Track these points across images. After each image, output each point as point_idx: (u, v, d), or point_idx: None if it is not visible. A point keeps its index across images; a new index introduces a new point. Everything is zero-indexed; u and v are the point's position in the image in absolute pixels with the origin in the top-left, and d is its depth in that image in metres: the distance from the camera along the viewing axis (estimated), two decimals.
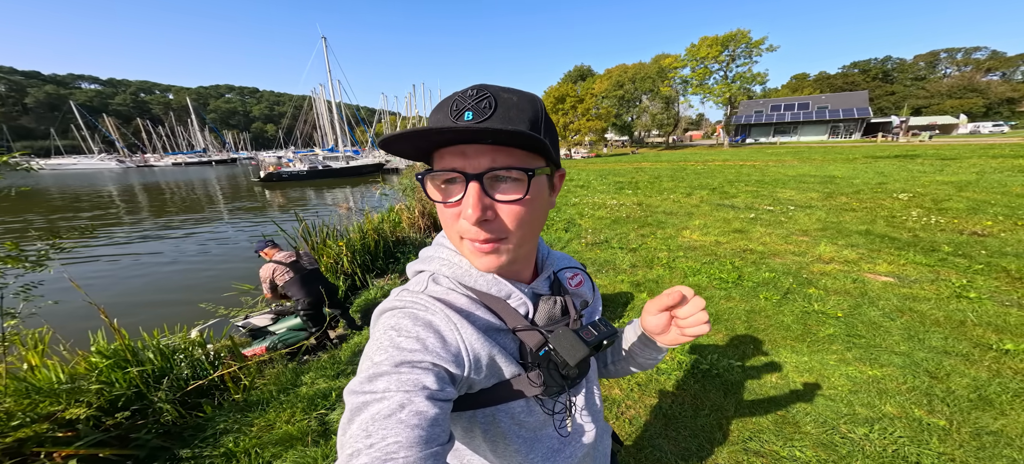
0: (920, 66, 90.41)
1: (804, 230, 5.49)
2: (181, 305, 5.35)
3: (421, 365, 0.47)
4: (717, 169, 15.00)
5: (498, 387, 0.57)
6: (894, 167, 12.43)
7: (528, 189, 0.50)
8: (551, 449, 0.62)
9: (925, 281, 3.60)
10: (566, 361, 0.55)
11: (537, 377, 0.57)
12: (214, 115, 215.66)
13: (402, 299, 0.55)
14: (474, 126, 0.45)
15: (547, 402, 0.61)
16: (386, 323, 0.52)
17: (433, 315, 0.52)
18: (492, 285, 0.57)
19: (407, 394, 0.43)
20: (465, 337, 0.52)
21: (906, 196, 7.42)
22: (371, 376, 0.45)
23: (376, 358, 0.47)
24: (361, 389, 0.44)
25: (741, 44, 35.49)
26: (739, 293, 3.56)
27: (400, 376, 0.45)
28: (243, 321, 4.33)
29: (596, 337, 0.58)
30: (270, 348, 3.67)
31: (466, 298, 0.57)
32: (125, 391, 2.34)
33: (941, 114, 64.56)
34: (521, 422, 0.59)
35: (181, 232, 11.29)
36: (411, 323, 0.51)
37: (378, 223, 5.74)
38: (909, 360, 2.49)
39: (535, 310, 0.60)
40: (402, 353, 0.47)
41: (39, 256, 1.99)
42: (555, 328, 0.58)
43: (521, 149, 0.50)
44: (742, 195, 8.62)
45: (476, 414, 0.58)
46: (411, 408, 0.42)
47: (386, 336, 0.49)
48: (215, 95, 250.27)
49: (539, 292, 0.62)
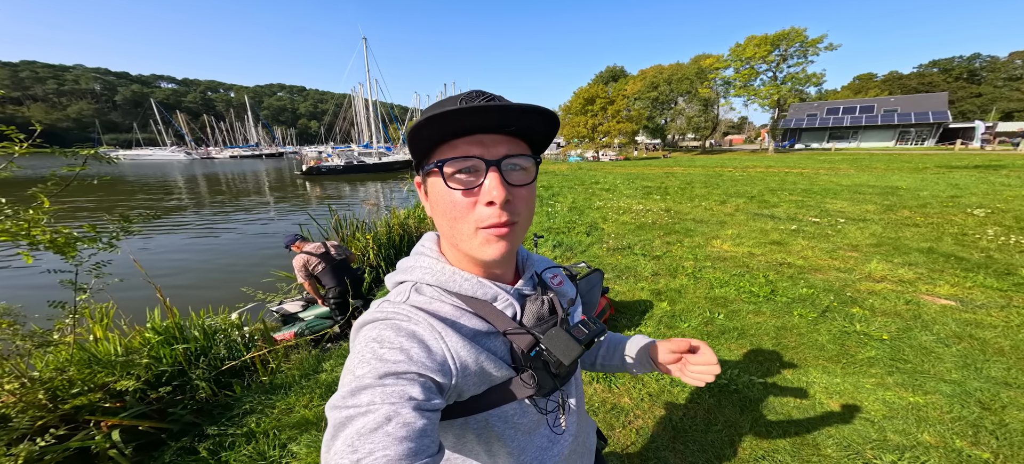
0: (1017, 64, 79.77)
1: (854, 245, 5.05)
2: (225, 288, 5.83)
3: (406, 376, 0.46)
4: (757, 176, 14.10)
5: (490, 392, 0.56)
6: (972, 179, 11.10)
7: (535, 175, 0.54)
8: (542, 448, 0.63)
9: (994, 307, 3.20)
10: (560, 360, 0.55)
11: (530, 378, 0.57)
12: (267, 112, 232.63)
13: (383, 310, 0.54)
14: (523, 105, 0.48)
15: (540, 402, 0.62)
16: (367, 335, 0.51)
17: (416, 325, 0.52)
18: (478, 289, 0.57)
19: (393, 406, 0.42)
20: (451, 345, 0.52)
21: (982, 212, 6.61)
22: (354, 390, 0.44)
23: (358, 371, 0.46)
24: (344, 404, 0.43)
25: (795, 43, 32.92)
26: (770, 308, 3.34)
27: (385, 388, 0.44)
28: (277, 307, 4.65)
29: (587, 334, 0.59)
30: (298, 334, 3.90)
31: (451, 306, 0.56)
32: (170, 367, 2.58)
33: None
34: (515, 424, 0.59)
35: (232, 220, 12.28)
36: (394, 334, 0.50)
37: (404, 218, 5.95)
38: (960, 389, 2.23)
39: (522, 311, 0.60)
40: (386, 365, 0.46)
41: (111, 237, 2.22)
42: (546, 328, 0.58)
43: (524, 141, 0.54)
44: (784, 205, 8.06)
45: (468, 421, 0.57)
46: (398, 420, 0.41)
47: (368, 348, 0.48)
48: (268, 93, 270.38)
49: (524, 293, 0.62)
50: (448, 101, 0.51)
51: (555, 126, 0.53)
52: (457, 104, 0.49)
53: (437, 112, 0.46)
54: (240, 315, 4.01)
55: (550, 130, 0.53)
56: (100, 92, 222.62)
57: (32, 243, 1.87)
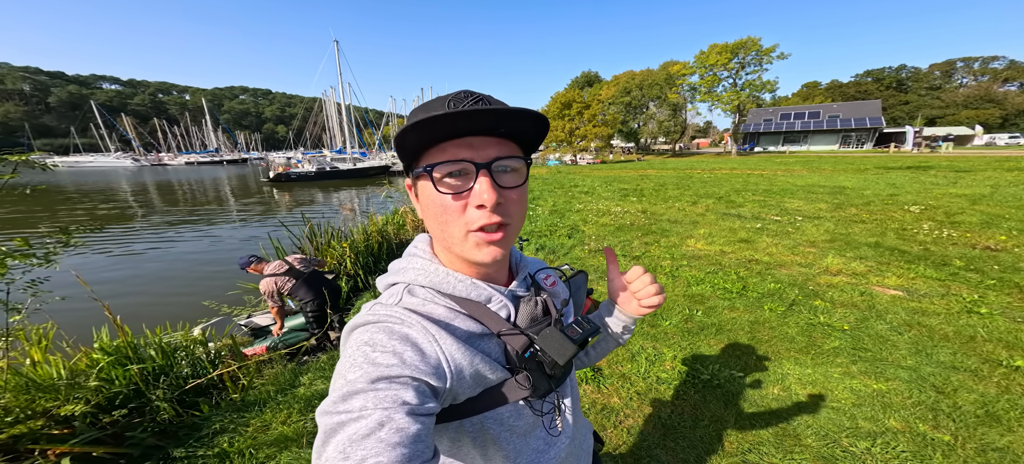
0: (935, 75, 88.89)
1: (812, 241, 5.41)
2: (186, 303, 5.43)
3: (399, 380, 0.45)
4: (724, 178, 14.86)
5: (485, 394, 0.56)
6: (906, 179, 12.22)
7: (526, 177, 0.54)
8: (538, 450, 0.63)
9: (935, 295, 3.52)
10: (555, 360, 0.55)
11: (525, 379, 0.57)
12: (227, 116, 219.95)
13: (375, 313, 0.53)
14: (510, 109, 0.47)
15: (535, 403, 0.61)
16: (359, 339, 0.50)
17: (410, 328, 0.51)
18: (471, 290, 0.56)
19: (386, 411, 0.41)
20: (445, 348, 0.51)
21: (918, 209, 7.28)
22: (345, 395, 0.43)
23: (350, 376, 0.45)
24: (335, 409, 0.42)
25: (751, 51, 35.21)
26: (743, 303, 3.51)
27: (377, 393, 0.42)
28: (246, 320, 4.38)
29: (581, 334, 0.59)
30: (270, 348, 3.69)
31: (445, 308, 0.56)
32: (124, 389, 2.37)
33: (956, 125, 63.39)
34: (511, 426, 0.59)
35: (190, 230, 11.47)
36: (386, 337, 0.49)
37: (382, 225, 5.79)
38: (916, 374, 2.43)
39: (516, 313, 0.59)
40: (378, 369, 0.45)
41: (48, 252, 2.02)
42: (541, 329, 0.58)
43: (514, 141, 0.53)
44: (749, 204, 8.53)
45: (463, 424, 0.57)
46: (391, 426, 0.40)
47: (360, 352, 0.47)
48: (230, 96, 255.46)
49: (518, 294, 0.61)
50: (435, 102, 0.51)
51: (544, 128, 0.53)
52: (444, 107, 0.49)
53: (423, 117, 0.45)
54: (204, 330, 3.75)
55: (540, 131, 0.54)
56: (30, 93, 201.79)
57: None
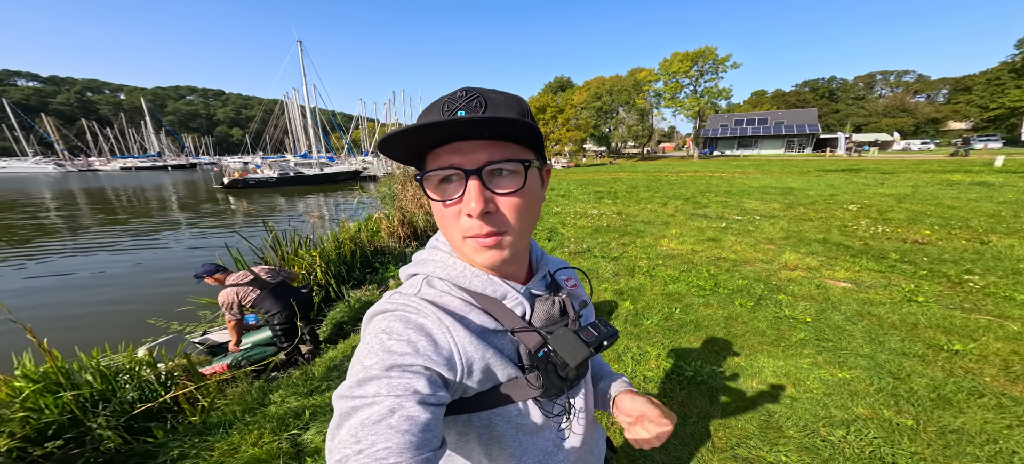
0: (860, 86, 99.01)
1: (770, 239, 5.78)
2: (127, 323, 4.90)
3: (412, 369, 0.46)
4: (689, 180, 15.62)
5: (494, 390, 0.55)
6: (842, 180, 13.43)
7: (525, 180, 0.51)
8: (546, 452, 0.61)
9: (879, 286, 3.86)
10: (566, 362, 0.54)
11: (536, 379, 0.56)
12: (172, 117, 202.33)
13: (394, 302, 0.54)
14: (474, 116, 0.45)
15: (545, 404, 0.60)
16: (377, 326, 0.51)
17: (425, 318, 0.51)
18: (487, 286, 0.56)
19: (398, 399, 0.42)
20: (458, 340, 0.51)
21: (855, 207, 8.01)
22: (361, 380, 0.44)
23: (366, 362, 0.46)
24: (350, 394, 0.44)
25: (709, 60, 37.56)
26: (716, 300, 3.67)
27: (391, 380, 0.44)
28: (201, 337, 4.01)
29: (596, 338, 0.57)
30: (232, 365, 3.40)
31: (461, 301, 0.56)
32: (57, 418, 2.08)
33: (878, 132, 70.87)
34: (518, 425, 0.58)
35: (130, 242, 10.40)
36: (402, 326, 0.50)
37: (355, 232, 5.51)
38: (873, 362, 2.63)
39: (532, 311, 0.59)
40: (393, 357, 0.46)
41: None
42: (554, 329, 0.57)
43: (515, 143, 0.51)
44: (713, 205, 9.00)
45: (471, 418, 0.56)
46: (401, 413, 0.41)
47: (376, 339, 0.49)
48: (175, 96, 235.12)
49: (535, 293, 0.61)
50: (434, 106, 0.51)
51: (527, 127, 0.48)
52: (439, 110, 0.49)
53: (400, 129, 0.45)
54: (150, 350, 3.38)
55: (531, 131, 0.50)
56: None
57: None
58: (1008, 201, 7.96)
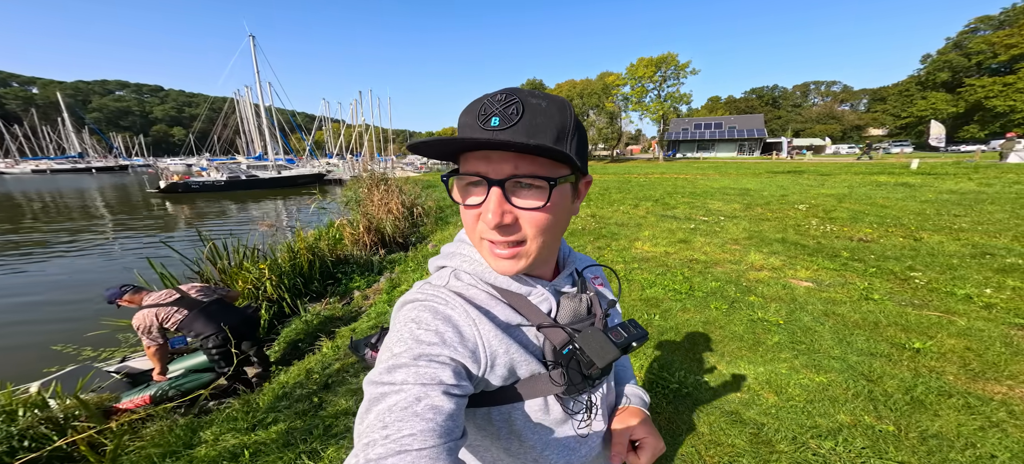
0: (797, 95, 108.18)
1: (735, 239, 5.96)
2: (24, 349, 4.12)
3: (439, 359, 0.47)
4: (657, 181, 16.06)
5: (517, 385, 0.56)
6: (789, 181, 14.42)
7: (549, 198, 0.50)
8: (566, 447, 0.61)
9: (836, 285, 4.03)
10: (594, 362, 0.53)
11: (560, 376, 0.56)
12: (98, 115, 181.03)
13: (424, 292, 0.55)
14: (494, 138, 0.46)
15: (567, 401, 0.59)
16: (407, 315, 0.51)
17: (453, 309, 0.52)
18: (512, 281, 0.57)
19: (424, 387, 0.43)
20: (483, 333, 0.52)
21: (804, 207, 8.53)
22: (390, 367, 0.45)
23: (396, 349, 0.47)
24: (380, 380, 0.45)
25: (671, 66, 39.34)
26: (692, 304, 3.65)
27: (418, 369, 0.45)
28: (119, 364, 3.44)
29: (626, 339, 0.56)
30: (157, 398, 2.90)
31: (487, 294, 0.56)
32: None
33: (813, 137, 77.71)
34: (538, 421, 0.58)
35: (37, 254, 8.99)
36: (431, 316, 0.50)
37: (313, 241, 4.98)
38: (845, 364, 2.67)
39: (557, 308, 0.59)
40: (421, 346, 0.47)
41: None
42: (582, 327, 0.57)
43: (546, 157, 0.50)
44: (681, 206, 9.23)
45: (491, 412, 0.57)
46: (427, 401, 0.42)
47: (406, 328, 0.49)
48: (101, 92, 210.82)
49: (562, 289, 0.61)
50: (475, 106, 0.50)
51: (557, 153, 0.48)
52: (476, 112, 0.49)
53: (431, 139, 0.47)
54: (45, 385, 2.80)
55: (576, 146, 0.53)
56: None
57: None
58: (929, 200, 8.83)
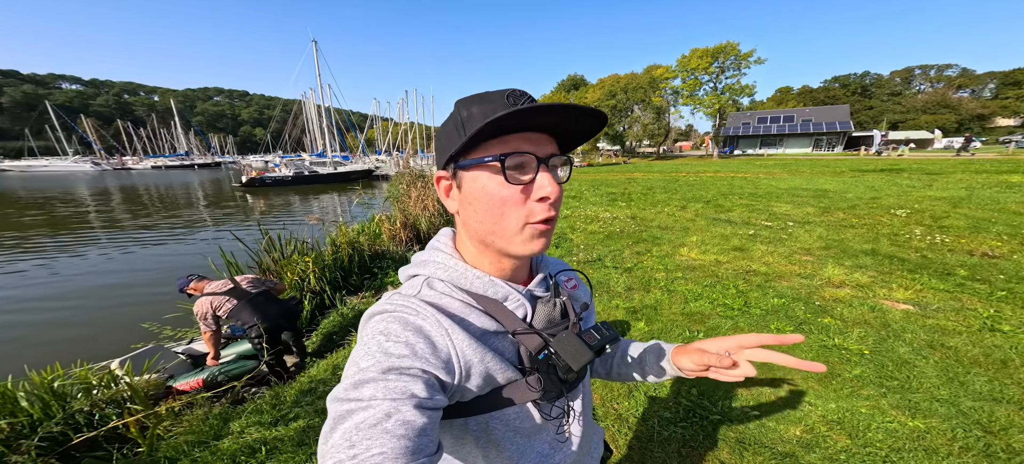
0: (896, 82, 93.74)
1: (806, 248, 5.17)
2: (126, 325, 4.74)
3: (410, 372, 0.45)
4: (709, 181, 14.78)
5: (493, 393, 0.55)
6: (883, 181, 12.41)
7: (569, 174, 0.56)
8: (543, 454, 0.61)
9: (949, 310, 3.27)
10: (569, 365, 0.53)
11: (536, 382, 0.55)
12: (201, 118, 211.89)
13: (393, 302, 0.53)
14: (586, 108, 0.48)
15: (545, 407, 0.59)
16: (375, 327, 0.50)
17: (424, 320, 0.51)
18: (489, 287, 0.56)
19: (394, 402, 0.42)
20: (457, 343, 0.51)
21: (903, 212, 7.22)
22: (357, 383, 0.43)
23: (363, 364, 0.45)
24: (346, 396, 0.43)
25: (730, 56, 36.08)
26: (747, 322, 3.17)
27: (387, 383, 0.43)
28: (185, 346, 3.79)
29: (599, 341, 0.57)
30: (208, 381, 3.14)
31: (461, 303, 0.55)
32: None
33: (916, 129, 66.68)
34: (516, 428, 0.58)
35: (150, 239, 10.54)
36: (400, 328, 0.49)
37: (355, 235, 5.23)
38: (955, 409, 2.11)
39: (533, 313, 0.58)
40: (390, 359, 0.45)
41: None
42: (557, 331, 0.56)
43: (559, 142, 0.54)
44: (737, 209, 8.32)
45: (468, 422, 0.56)
46: (398, 417, 0.41)
47: (374, 341, 0.48)
48: (203, 98, 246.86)
49: (537, 294, 0.60)
50: (494, 95, 0.50)
51: (600, 127, 0.53)
52: (505, 100, 0.49)
53: (510, 111, 0.44)
54: (123, 363, 3.15)
55: (592, 131, 0.54)
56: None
57: None
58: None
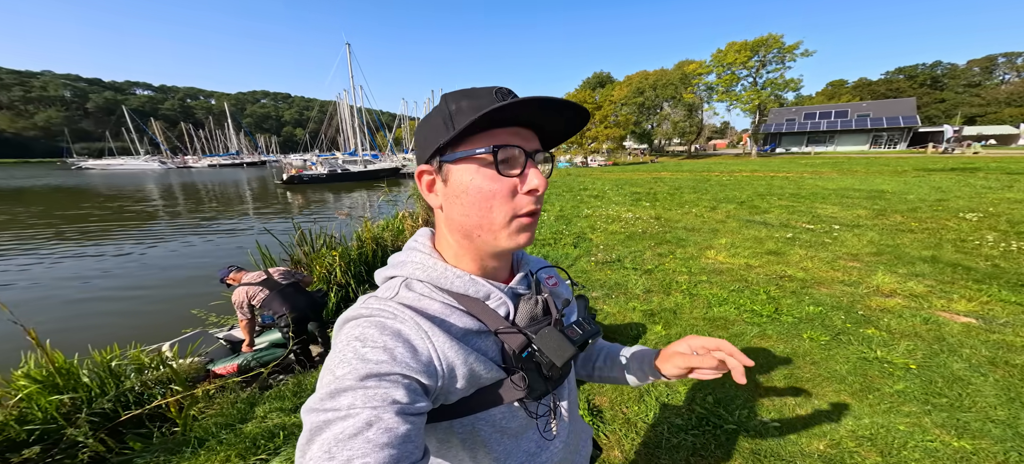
0: (974, 72, 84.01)
1: (853, 254, 4.76)
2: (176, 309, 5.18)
3: (390, 378, 0.43)
4: (744, 180, 13.98)
5: (478, 394, 0.54)
6: (952, 182, 11.19)
7: (552, 168, 0.57)
8: (529, 453, 0.60)
9: (1020, 325, 2.90)
10: (552, 361, 0.53)
11: (520, 380, 0.54)
12: (249, 119, 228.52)
13: (368, 307, 0.51)
14: (567, 101, 0.47)
15: (530, 405, 0.58)
16: (350, 333, 0.48)
17: (402, 323, 0.49)
18: (470, 286, 0.55)
19: (375, 410, 0.40)
20: (437, 345, 0.49)
21: (974, 216, 6.48)
22: (333, 392, 0.41)
23: (338, 372, 0.43)
24: (322, 406, 0.40)
25: (773, 49, 33.77)
26: (776, 330, 2.97)
27: (366, 391, 0.41)
28: (224, 333, 4.09)
29: (581, 335, 0.57)
30: (242, 366, 3.37)
31: (441, 304, 0.54)
32: (41, 424, 2.05)
33: (998, 123, 59.42)
34: (502, 428, 0.57)
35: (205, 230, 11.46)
36: (378, 332, 0.47)
37: (379, 231, 5.44)
38: (1011, 431, 1.88)
39: (515, 311, 0.57)
40: (368, 365, 0.43)
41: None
42: (539, 328, 0.56)
43: (540, 137, 0.54)
44: (775, 210, 7.81)
45: (453, 424, 0.54)
46: (380, 425, 0.39)
47: (350, 347, 0.45)
48: (251, 100, 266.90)
49: (519, 292, 0.59)
50: (482, 91, 0.50)
51: (582, 125, 0.53)
52: (493, 96, 0.49)
53: (506, 102, 0.45)
54: (173, 346, 3.45)
55: (568, 131, 0.55)
56: (70, 99, 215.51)
57: None
58: None
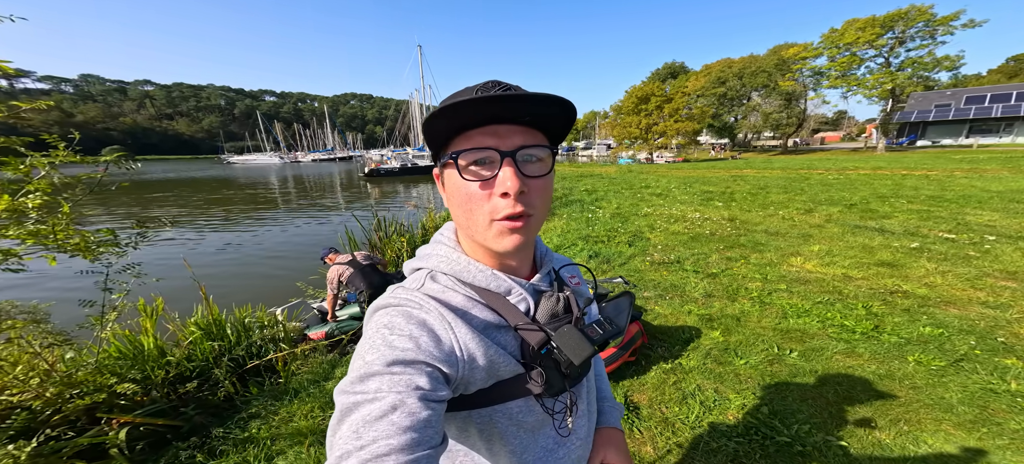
0: None
1: (1010, 271, 3.78)
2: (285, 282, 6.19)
3: (414, 365, 0.46)
4: (860, 179, 11.75)
5: (496, 387, 0.55)
6: None
7: (552, 166, 0.54)
8: (546, 449, 0.61)
9: None
10: (571, 360, 0.54)
11: (538, 376, 0.55)
12: (342, 119, 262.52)
13: (396, 296, 0.55)
14: (537, 94, 0.46)
15: (547, 401, 0.60)
16: (379, 321, 0.51)
17: (427, 314, 0.52)
18: (491, 281, 0.56)
19: (399, 395, 0.42)
20: (459, 336, 0.51)
21: None
22: (363, 376, 0.45)
23: (368, 357, 0.46)
24: (352, 389, 0.44)
25: (916, 23, 27.06)
26: (871, 349, 2.55)
27: (393, 376, 0.44)
28: (318, 303, 4.81)
29: (602, 335, 0.58)
30: (328, 334, 3.95)
31: (464, 296, 0.56)
32: (200, 363, 2.68)
33: None
34: (519, 422, 0.58)
35: (307, 215, 13.46)
36: (404, 321, 0.50)
37: (441, 221, 5.90)
38: None
39: (536, 307, 0.58)
40: (395, 352, 0.46)
41: (130, 242, 2.33)
42: (559, 326, 0.56)
43: (540, 131, 0.53)
44: (900, 215, 6.49)
45: (471, 414, 0.56)
46: (403, 410, 0.42)
47: (379, 334, 0.49)
48: (343, 102, 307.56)
49: (540, 288, 0.60)
50: (463, 92, 0.51)
51: (572, 115, 0.51)
52: (472, 94, 0.48)
53: (449, 103, 0.46)
54: (284, 311, 4.18)
55: (568, 119, 0.53)
56: (224, 107, 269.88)
57: (61, 248, 1.98)
58: None
